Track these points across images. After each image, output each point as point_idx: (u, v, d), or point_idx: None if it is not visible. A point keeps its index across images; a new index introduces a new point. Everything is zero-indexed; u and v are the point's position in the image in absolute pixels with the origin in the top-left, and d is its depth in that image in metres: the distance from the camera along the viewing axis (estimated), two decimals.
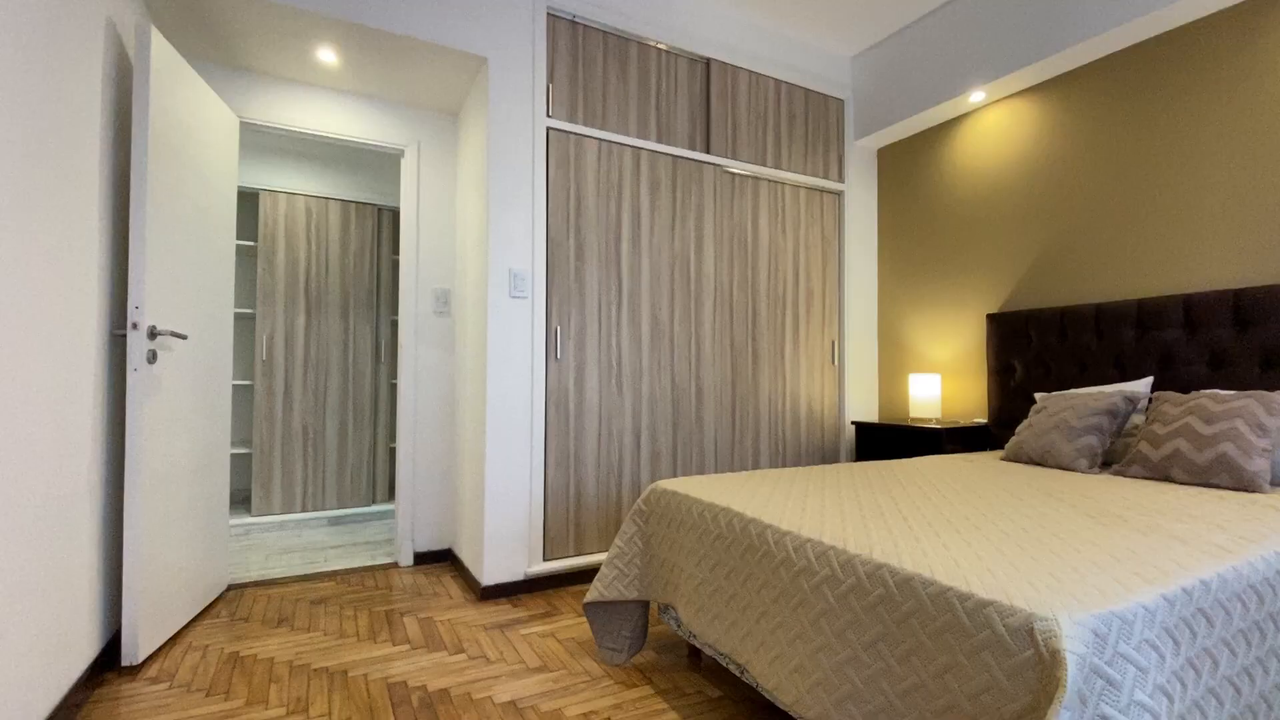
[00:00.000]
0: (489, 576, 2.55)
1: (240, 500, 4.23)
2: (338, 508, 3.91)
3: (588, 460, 2.76)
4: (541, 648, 2.11)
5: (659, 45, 2.98)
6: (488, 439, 2.56)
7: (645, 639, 2.03)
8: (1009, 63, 2.86)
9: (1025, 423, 2.49)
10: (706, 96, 3.13)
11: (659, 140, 2.97)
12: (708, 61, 3.12)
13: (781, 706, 1.35)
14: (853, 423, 3.40)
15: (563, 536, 2.70)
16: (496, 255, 2.59)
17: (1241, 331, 2.22)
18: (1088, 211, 2.74)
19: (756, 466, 3.25)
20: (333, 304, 3.97)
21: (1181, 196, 2.44)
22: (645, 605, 1.99)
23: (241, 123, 2.77)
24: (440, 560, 3.08)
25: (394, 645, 2.13)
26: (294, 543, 3.41)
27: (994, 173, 3.13)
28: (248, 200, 4.41)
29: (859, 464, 2.38)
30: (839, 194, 3.58)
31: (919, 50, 3.27)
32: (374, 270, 4.10)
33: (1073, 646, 0.87)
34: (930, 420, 3.14)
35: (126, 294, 2.11)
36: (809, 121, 3.47)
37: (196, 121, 2.31)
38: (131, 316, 1.94)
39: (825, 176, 3.53)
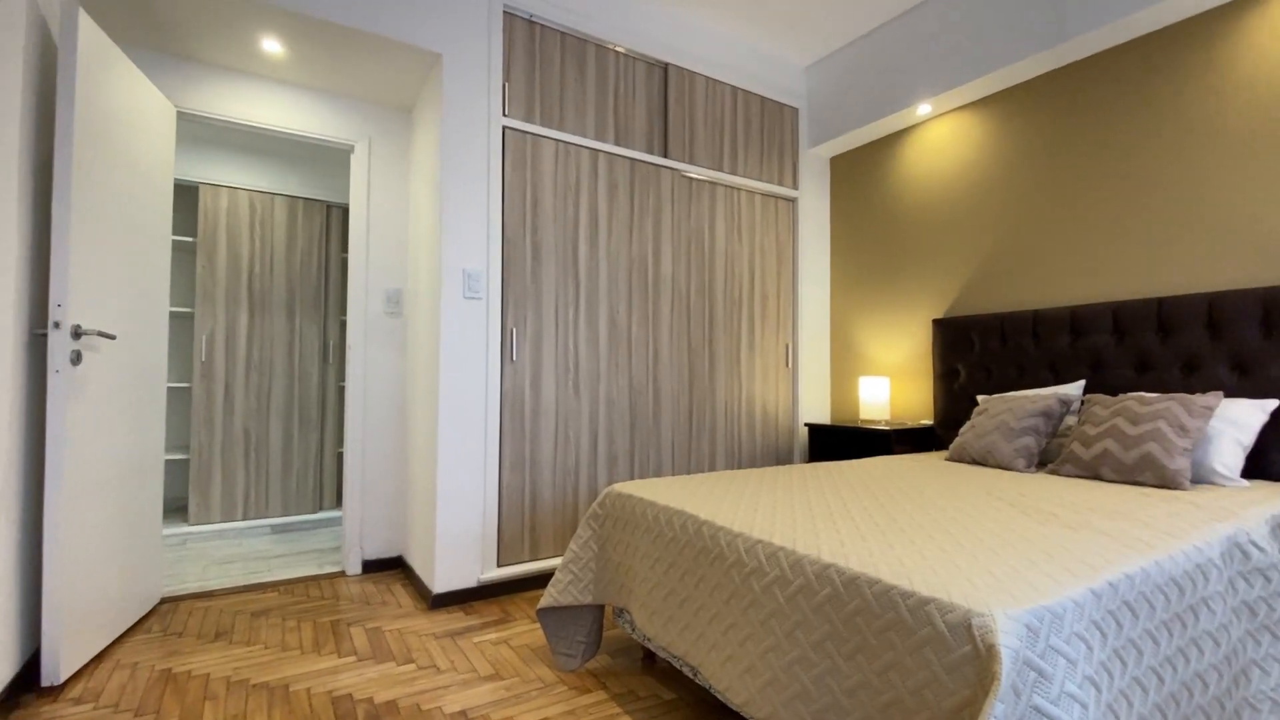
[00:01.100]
0: (440, 584, 2.49)
1: (176, 508, 4.03)
2: (282, 515, 3.77)
3: (543, 464, 2.73)
4: (494, 655, 2.07)
5: (617, 48, 2.98)
6: (440, 442, 2.50)
7: (600, 644, 2.01)
8: (953, 78, 2.97)
9: (968, 424, 2.58)
10: (664, 101, 3.14)
11: (617, 143, 2.97)
12: (665, 66, 3.14)
13: (733, 708, 1.36)
14: (806, 424, 3.46)
15: (517, 541, 2.66)
16: (450, 255, 2.54)
17: (1165, 338, 2.35)
18: (1026, 222, 2.86)
19: (713, 468, 3.28)
20: (278, 303, 3.83)
21: (1110, 210, 2.58)
22: (600, 610, 1.98)
23: (179, 113, 2.65)
24: (390, 568, 3.00)
25: (340, 657, 2.06)
26: (234, 552, 3.27)
27: (940, 183, 3.24)
28: (186, 194, 4.22)
29: (811, 465, 2.42)
30: (793, 200, 3.65)
31: (869, 63, 3.37)
32: (322, 269, 3.97)
33: (1007, 641, 0.90)
34: (880, 422, 3.23)
35: (49, 291, 1.98)
36: (764, 128, 3.53)
37: (128, 110, 2.19)
38: (53, 315, 1.82)
39: (780, 183, 3.59)
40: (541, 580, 2.74)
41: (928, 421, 3.22)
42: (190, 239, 3.78)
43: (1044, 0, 2.63)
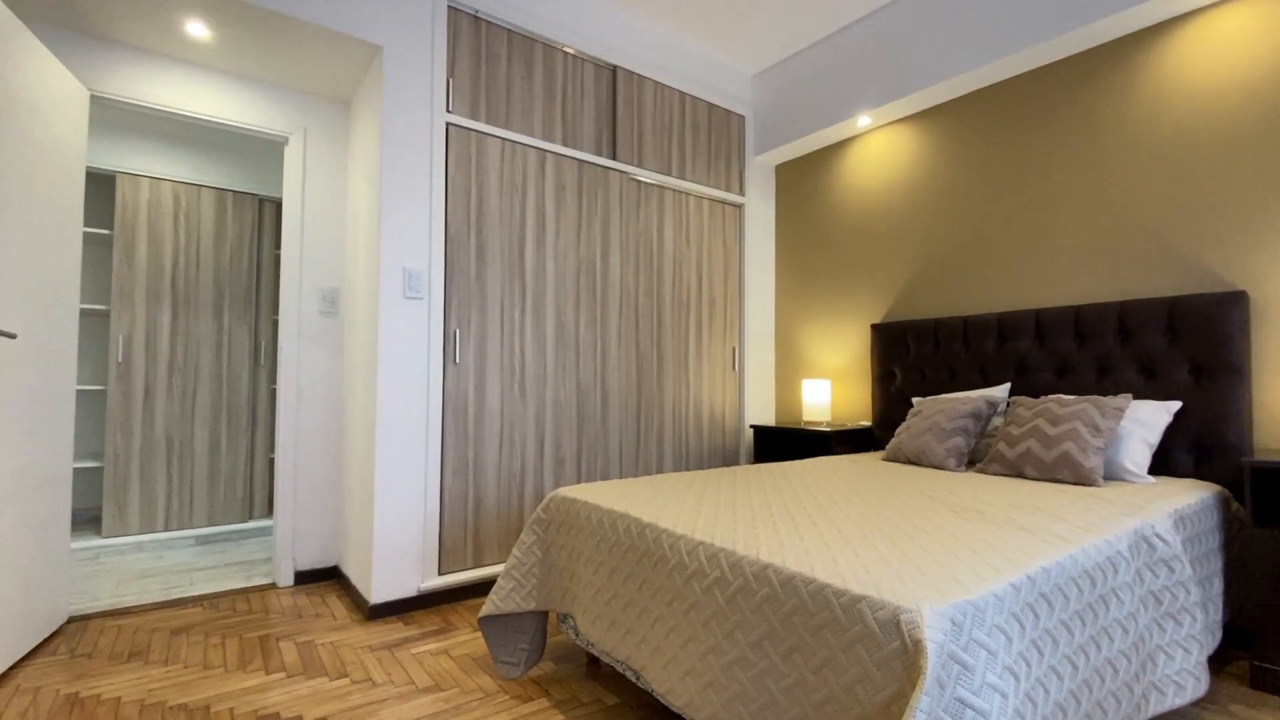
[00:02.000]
0: (378, 594, 2.41)
1: (89, 520, 3.76)
2: (208, 525, 3.57)
3: (488, 468, 2.68)
4: (433, 666, 2.02)
5: (565, 49, 2.96)
6: (378, 447, 2.42)
7: (543, 650, 1.99)
8: (890, 92, 3.08)
9: (903, 425, 2.68)
10: (613, 103, 3.14)
11: (565, 144, 2.95)
12: (614, 69, 3.14)
13: (675, 710, 1.36)
14: (751, 426, 3.52)
15: (460, 548, 2.60)
16: (389, 253, 2.46)
17: (1081, 343, 2.50)
18: (957, 232, 3.00)
19: (661, 470, 3.29)
20: (204, 301, 3.63)
21: (1034, 222, 2.72)
22: (543, 616, 1.96)
23: (93, 96, 2.48)
24: (325, 579, 2.88)
25: (267, 674, 1.96)
26: (154, 566, 3.07)
27: (879, 192, 3.35)
28: (102, 183, 3.95)
29: (754, 466, 2.46)
30: (740, 206, 3.71)
31: (813, 74, 3.46)
32: (253, 266, 3.79)
33: (932, 635, 0.93)
34: (821, 423, 3.31)
35: None
36: (712, 135, 3.57)
37: (33, 91, 2.03)
38: None
39: (727, 189, 3.64)
40: (485, 587, 2.68)
41: (866, 423, 3.33)
42: (106, 231, 3.54)
43: (974, 20, 2.76)
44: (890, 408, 3.17)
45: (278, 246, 3.99)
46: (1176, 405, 2.20)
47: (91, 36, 2.46)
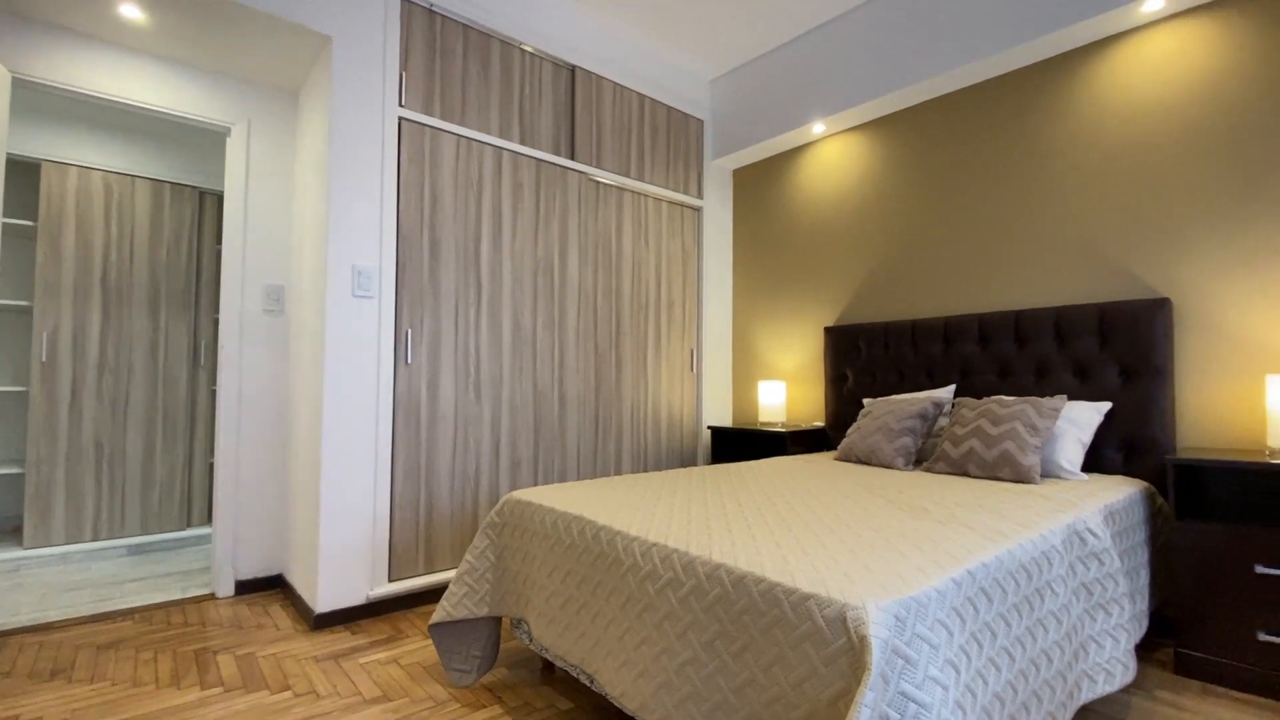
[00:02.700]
0: (324, 602, 2.33)
1: (9, 530, 3.52)
2: (141, 534, 3.39)
3: (441, 471, 2.62)
4: (382, 676, 1.96)
5: (523, 46, 2.92)
6: (324, 450, 2.34)
7: (496, 657, 1.95)
8: (843, 100, 3.15)
9: (854, 425, 2.74)
10: (571, 103, 3.12)
11: (522, 142, 2.92)
12: (573, 69, 3.12)
13: (629, 713, 1.36)
14: (709, 427, 3.55)
15: (411, 554, 2.54)
16: (338, 250, 2.39)
17: (1021, 346, 2.61)
18: (906, 239, 3.09)
19: (619, 472, 3.28)
20: (139, 298, 3.44)
21: (978, 231, 2.83)
22: (496, 622, 1.92)
23: (16, 79, 2.33)
24: (269, 588, 2.76)
25: (203, 689, 1.87)
26: (81, 578, 2.90)
27: (832, 199, 3.43)
28: (25, 172, 3.71)
29: (710, 467, 2.48)
30: (698, 210, 3.74)
31: (769, 80, 3.51)
32: (193, 261, 3.62)
33: (877, 631, 0.95)
34: (777, 424, 3.36)
35: None
36: (670, 137, 3.59)
37: None
38: None
39: (685, 192, 3.66)
40: (437, 593, 2.62)
41: (820, 423, 3.39)
42: (29, 223, 3.33)
43: (923, 33, 2.85)
44: (843, 409, 3.24)
45: (219, 241, 3.82)
46: (1107, 406, 2.31)
47: (15, 16, 2.31)
